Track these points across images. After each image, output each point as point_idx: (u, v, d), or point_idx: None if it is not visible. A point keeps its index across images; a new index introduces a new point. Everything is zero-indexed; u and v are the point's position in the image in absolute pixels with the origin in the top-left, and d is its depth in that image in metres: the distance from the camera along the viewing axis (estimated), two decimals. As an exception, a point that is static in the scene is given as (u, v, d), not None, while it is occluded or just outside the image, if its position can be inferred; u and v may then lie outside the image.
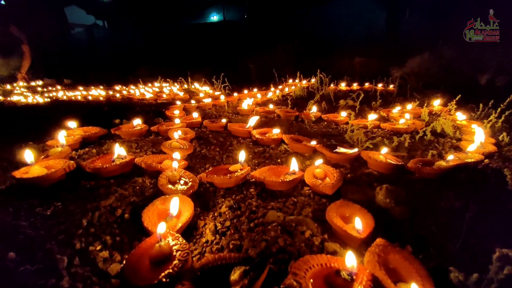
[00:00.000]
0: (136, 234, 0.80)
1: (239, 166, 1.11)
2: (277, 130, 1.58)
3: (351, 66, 4.26)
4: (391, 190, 0.93)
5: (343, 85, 3.49)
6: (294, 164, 1.08)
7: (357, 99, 2.06)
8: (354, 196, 0.97)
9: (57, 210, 0.86)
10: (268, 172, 1.09)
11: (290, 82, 3.85)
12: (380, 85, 3.39)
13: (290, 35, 5.39)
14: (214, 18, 10.48)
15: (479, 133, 1.44)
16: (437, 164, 1.13)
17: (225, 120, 1.88)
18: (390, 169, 1.17)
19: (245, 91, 3.27)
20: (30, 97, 3.43)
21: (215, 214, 0.88)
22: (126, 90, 4.03)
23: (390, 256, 0.67)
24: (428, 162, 1.19)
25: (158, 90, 3.82)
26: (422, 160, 1.22)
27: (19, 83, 4.91)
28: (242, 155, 1.15)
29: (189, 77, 4.21)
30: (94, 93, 3.67)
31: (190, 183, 1.01)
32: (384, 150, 1.26)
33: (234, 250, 0.72)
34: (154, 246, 0.65)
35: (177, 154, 1.17)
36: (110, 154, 1.19)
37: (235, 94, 3.24)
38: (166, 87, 4.02)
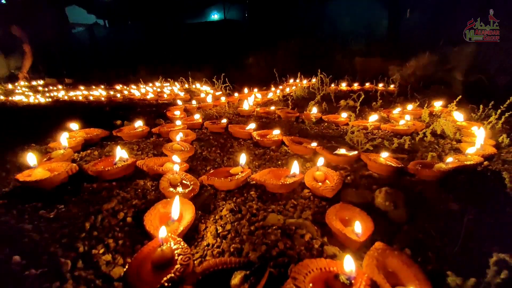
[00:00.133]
0: (138, 237, 0.81)
1: (240, 168, 1.12)
2: (277, 131, 1.59)
3: (352, 65, 4.25)
4: (390, 193, 0.94)
5: (344, 85, 3.49)
6: (295, 166, 1.08)
7: (357, 100, 2.07)
8: (353, 199, 0.98)
9: (60, 213, 0.88)
10: (268, 174, 1.09)
11: (291, 82, 3.85)
12: (380, 85, 3.38)
13: (291, 35, 5.38)
14: (215, 17, 10.45)
15: (480, 136, 1.43)
16: (436, 166, 1.13)
17: (225, 121, 1.89)
18: (390, 171, 1.18)
19: (245, 91, 3.27)
20: (32, 96, 3.45)
21: (216, 217, 0.89)
22: (127, 90, 4.03)
23: (388, 259, 0.68)
24: (427, 164, 1.20)
25: (159, 90, 3.82)
26: (421, 162, 1.22)
27: (21, 83, 4.93)
28: (243, 158, 1.16)
29: (189, 77, 4.22)
30: (95, 93, 3.67)
31: (191, 186, 1.02)
32: (384, 155, 1.26)
33: (235, 253, 0.73)
34: (156, 250, 0.66)
35: (176, 157, 1.18)
36: (112, 157, 1.20)
37: (236, 94, 3.24)
38: (167, 87, 4.02)
